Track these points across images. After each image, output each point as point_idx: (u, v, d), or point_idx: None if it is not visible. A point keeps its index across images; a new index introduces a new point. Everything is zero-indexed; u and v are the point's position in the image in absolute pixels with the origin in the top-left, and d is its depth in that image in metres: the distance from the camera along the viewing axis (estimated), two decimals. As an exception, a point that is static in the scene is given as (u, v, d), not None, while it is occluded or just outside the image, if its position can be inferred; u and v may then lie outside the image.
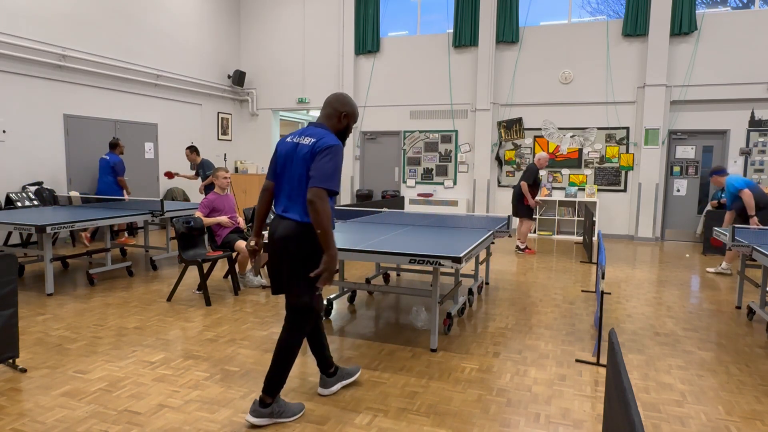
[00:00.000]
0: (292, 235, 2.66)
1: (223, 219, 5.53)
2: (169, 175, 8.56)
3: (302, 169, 2.63)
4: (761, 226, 5.76)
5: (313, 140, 2.65)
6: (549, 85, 10.27)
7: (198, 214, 5.46)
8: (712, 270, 6.89)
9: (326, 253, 2.54)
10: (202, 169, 8.58)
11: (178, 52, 10.53)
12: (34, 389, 3.10)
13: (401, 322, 4.56)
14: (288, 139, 2.79)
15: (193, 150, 8.53)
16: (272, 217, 2.87)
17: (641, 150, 9.70)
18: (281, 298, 5.27)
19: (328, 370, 3.10)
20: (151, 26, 9.86)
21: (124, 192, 8.46)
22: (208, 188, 8.34)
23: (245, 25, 12.37)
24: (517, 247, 8.26)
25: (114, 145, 8.08)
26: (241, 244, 5.42)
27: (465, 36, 10.60)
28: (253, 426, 2.72)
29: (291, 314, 2.77)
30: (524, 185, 7.99)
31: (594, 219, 9.00)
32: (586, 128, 10.14)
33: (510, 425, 2.77)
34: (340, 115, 2.79)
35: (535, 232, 10.49)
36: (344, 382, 3.18)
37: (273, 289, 2.86)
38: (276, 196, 2.81)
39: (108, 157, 8.03)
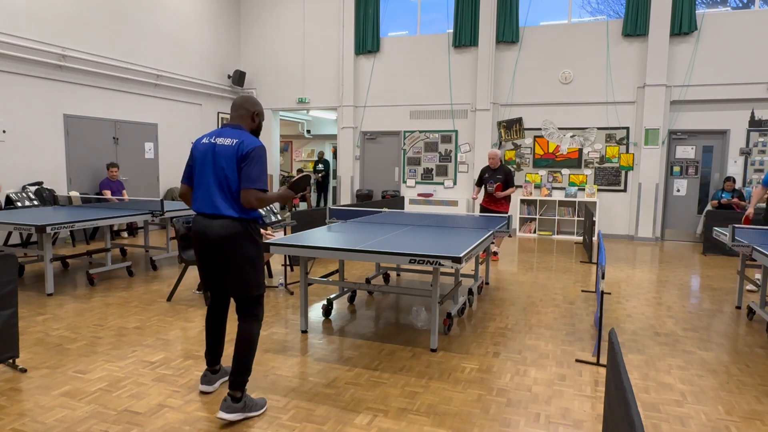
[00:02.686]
0: (233, 233, 2.75)
1: None
2: None
3: (230, 167, 2.75)
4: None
5: (235, 140, 2.78)
6: (549, 85, 10.27)
7: None
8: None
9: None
10: None
11: (178, 52, 10.53)
12: (34, 389, 3.10)
13: (401, 322, 4.56)
14: (204, 140, 2.88)
15: None
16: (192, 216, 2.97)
17: (641, 150, 9.70)
18: (281, 300, 5.27)
19: (213, 366, 3.12)
20: (151, 26, 9.86)
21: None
22: None
23: (245, 25, 12.37)
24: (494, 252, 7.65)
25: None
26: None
27: (465, 36, 10.60)
28: (228, 422, 2.75)
29: (244, 305, 2.85)
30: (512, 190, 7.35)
31: (594, 219, 9.00)
32: (586, 128, 10.14)
33: (510, 425, 2.77)
34: (252, 115, 2.94)
35: (535, 232, 10.49)
36: (225, 380, 3.21)
37: (206, 286, 3.01)
38: (197, 197, 2.86)
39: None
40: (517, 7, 10.26)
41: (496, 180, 7.17)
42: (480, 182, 7.43)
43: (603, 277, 3.50)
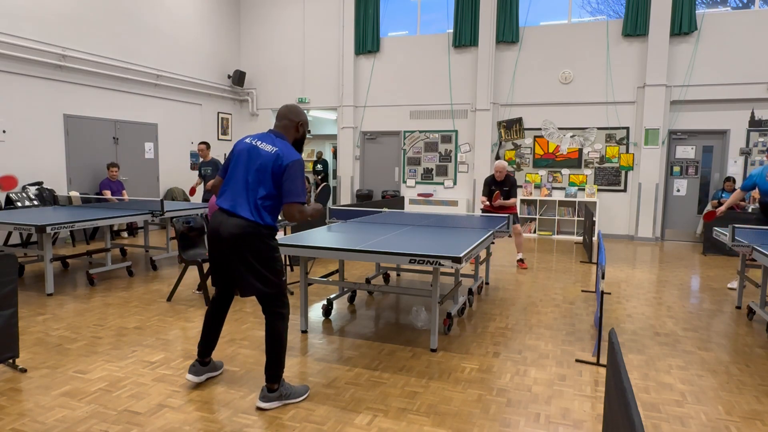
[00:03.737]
0: (242, 234, 2.81)
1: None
2: (193, 191, 8.51)
3: (263, 174, 2.84)
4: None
5: (275, 149, 2.86)
6: (549, 85, 10.27)
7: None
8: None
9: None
10: (212, 168, 8.49)
11: (178, 52, 10.53)
12: (34, 389, 3.10)
13: (401, 322, 4.56)
14: (246, 140, 2.97)
15: (208, 146, 8.40)
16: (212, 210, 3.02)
17: (641, 150, 9.70)
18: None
19: (205, 358, 3.19)
20: (151, 26, 9.86)
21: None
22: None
23: (245, 25, 12.38)
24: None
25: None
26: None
27: (465, 36, 10.60)
28: (263, 410, 2.88)
29: (264, 303, 2.92)
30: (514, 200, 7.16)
31: (594, 219, 9.00)
32: (586, 128, 10.14)
33: (510, 425, 2.77)
34: (296, 125, 3.01)
35: (535, 232, 10.49)
36: (213, 374, 3.30)
37: (214, 280, 3.04)
38: (223, 191, 2.95)
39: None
40: (517, 7, 10.26)
41: (503, 192, 7.03)
42: (486, 193, 7.13)
43: (603, 277, 3.50)
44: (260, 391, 2.92)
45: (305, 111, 14.28)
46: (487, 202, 7.07)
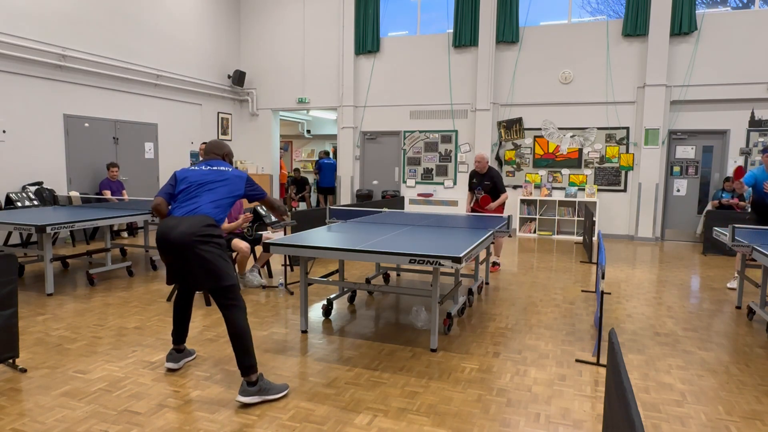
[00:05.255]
0: (201, 224, 3.02)
1: (242, 222, 5.39)
2: None
3: (230, 185, 3.23)
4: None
5: (229, 169, 3.30)
6: (549, 85, 10.27)
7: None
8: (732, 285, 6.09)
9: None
10: None
11: (178, 52, 10.53)
12: (34, 389, 3.10)
13: (401, 322, 4.56)
14: (194, 167, 3.33)
15: None
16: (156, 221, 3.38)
17: (641, 150, 9.70)
18: (281, 300, 5.27)
19: (179, 345, 3.43)
20: (151, 26, 9.86)
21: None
22: None
23: (245, 25, 12.38)
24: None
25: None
26: (239, 243, 5.42)
27: (465, 36, 10.60)
28: (245, 405, 2.92)
29: (223, 296, 3.03)
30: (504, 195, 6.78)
31: (594, 219, 9.00)
32: (586, 128, 10.14)
33: (510, 425, 2.77)
34: (222, 156, 3.45)
35: (535, 232, 10.49)
36: (188, 359, 3.54)
37: (172, 280, 3.21)
38: (179, 206, 3.16)
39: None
40: (517, 7, 10.26)
41: (485, 186, 6.62)
42: (471, 188, 6.85)
43: (603, 277, 3.50)
44: (240, 386, 2.97)
45: (305, 111, 14.40)
46: (473, 203, 6.73)
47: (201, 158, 9.18)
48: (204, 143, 8.50)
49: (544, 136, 10.42)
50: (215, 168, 3.28)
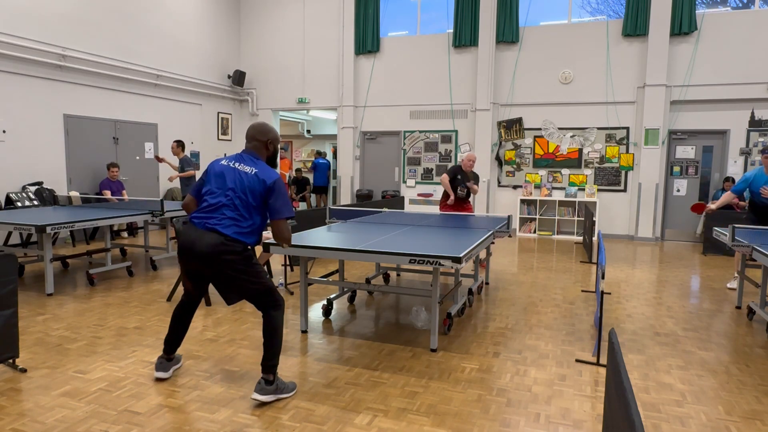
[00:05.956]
0: (219, 251, 2.86)
1: None
2: (158, 158, 8.57)
3: (247, 195, 2.91)
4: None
5: (255, 170, 2.94)
6: (549, 85, 10.27)
7: None
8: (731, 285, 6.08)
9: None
10: (181, 165, 8.54)
11: (178, 52, 10.53)
12: (34, 389, 3.10)
13: (401, 322, 4.56)
14: (223, 162, 3.03)
15: (179, 144, 8.47)
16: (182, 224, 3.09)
17: (641, 150, 9.70)
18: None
19: (170, 354, 3.29)
20: (151, 26, 9.86)
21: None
22: (182, 180, 8.39)
23: (245, 25, 12.37)
24: None
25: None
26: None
27: (465, 36, 10.60)
28: (262, 403, 2.95)
29: (257, 303, 3.00)
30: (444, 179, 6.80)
31: (594, 219, 9.00)
32: (586, 128, 10.14)
33: (510, 425, 2.77)
34: (266, 144, 3.07)
35: (535, 232, 10.49)
36: (177, 367, 3.40)
37: (186, 285, 3.12)
38: (202, 209, 2.97)
39: None
40: (517, 7, 10.26)
41: (466, 187, 6.71)
42: (454, 184, 6.76)
43: (603, 277, 3.50)
44: (256, 385, 2.96)
45: (305, 111, 14.39)
46: (449, 199, 6.67)
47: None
48: (176, 141, 8.51)
49: (544, 136, 10.42)
50: (239, 168, 2.95)
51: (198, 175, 9.19)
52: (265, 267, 6.29)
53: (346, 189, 11.86)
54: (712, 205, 5.74)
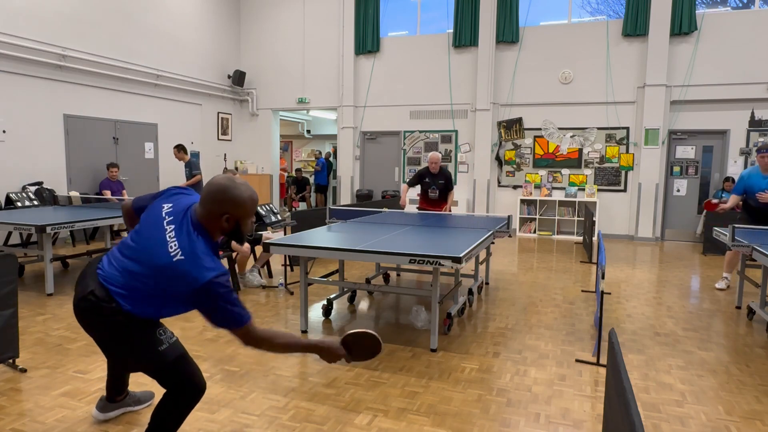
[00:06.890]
0: (115, 324, 2.05)
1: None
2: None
3: (159, 281, 2.00)
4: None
5: (179, 252, 1.97)
6: (549, 85, 10.27)
7: None
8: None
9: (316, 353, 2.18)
10: (189, 168, 8.55)
11: (178, 52, 10.53)
12: (34, 389, 3.10)
13: (401, 322, 4.56)
14: (163, 211, 2.13)
15: (180, 149, 8.48)
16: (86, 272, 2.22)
17: (641, 150, 9.70)
18: (281, 300, 5.27)
19: (116, 396, 2.72)
20: (151, 26, 9.86)
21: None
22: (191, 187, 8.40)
23: (245, 25, 12.38)
24: None
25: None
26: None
27: (465, 36, 10.60)
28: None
29: (155, 378, 2.20)
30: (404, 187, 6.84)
31: (594, 219, 9.00)
32: (586, 128, 10.14)
33: (510, 425, 2.77)
34: (221, 217, 2.06)
35: (535, 232, 10.49)
36: (129, 409, 2.79)
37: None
38: (118, 253, 2.14)
39: None
40: (517, 7, 10.26)
41: (438, 185, 6.67)
42: (414, 184, 6.81)
43: (603, 277, 3.50)
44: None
45: (305, 111, 14.38)
46: (407, 200, 6.63)
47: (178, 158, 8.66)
48: (176, 146, 8.51)
49: (544, 136, 10.42)
50: (168, 235, 2.02)
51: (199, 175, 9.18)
52: (265, 267, 6.29)
53: (346, 189, 11.86)
54: (725, 206, 5.72)
